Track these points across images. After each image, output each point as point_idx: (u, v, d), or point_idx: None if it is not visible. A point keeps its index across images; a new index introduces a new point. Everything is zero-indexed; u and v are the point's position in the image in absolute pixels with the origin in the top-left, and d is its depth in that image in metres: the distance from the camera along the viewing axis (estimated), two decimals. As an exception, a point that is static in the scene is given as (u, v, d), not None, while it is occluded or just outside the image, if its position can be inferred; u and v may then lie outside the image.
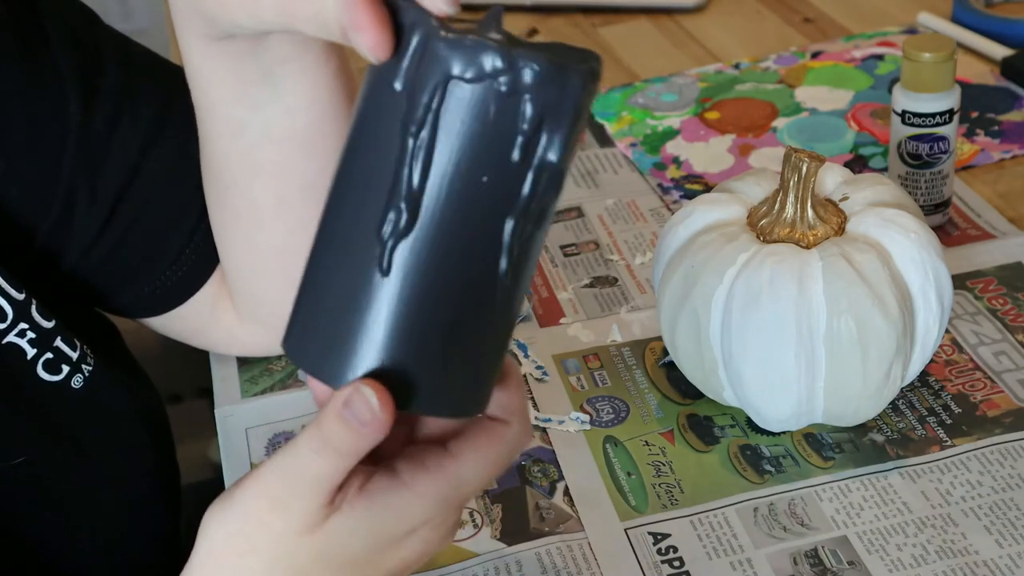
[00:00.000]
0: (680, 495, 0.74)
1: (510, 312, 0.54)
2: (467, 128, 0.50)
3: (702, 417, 0.79)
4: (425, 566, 0.71)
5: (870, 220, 0.73)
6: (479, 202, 0.50)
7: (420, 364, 0.53)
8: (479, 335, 0.53)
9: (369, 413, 0.52)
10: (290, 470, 0.54)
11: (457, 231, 0.51)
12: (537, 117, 0.50)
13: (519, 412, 0.58)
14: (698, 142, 1.08)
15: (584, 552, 0.71)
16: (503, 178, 0.50)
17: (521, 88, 0.49)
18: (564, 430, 0.79)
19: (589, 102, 0.51)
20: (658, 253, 0.78)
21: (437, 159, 0.50)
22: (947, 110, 0.89)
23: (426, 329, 0.52)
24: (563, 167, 0.51)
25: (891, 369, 0.72)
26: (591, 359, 0.85)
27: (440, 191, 0.50)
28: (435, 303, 0.52)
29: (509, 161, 0.50)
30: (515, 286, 0.53)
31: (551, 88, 0.49)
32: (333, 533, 0.55)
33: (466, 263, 0.52)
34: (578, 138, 0.52)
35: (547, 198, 0.52)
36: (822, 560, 0.69)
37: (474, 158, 0.50)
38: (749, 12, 1.30)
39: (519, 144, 0.50)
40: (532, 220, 0.52)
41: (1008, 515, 0.70)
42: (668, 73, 1.19)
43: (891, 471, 0.74)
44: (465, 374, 0.54)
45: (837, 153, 1.04)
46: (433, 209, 0.50)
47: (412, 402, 0.53)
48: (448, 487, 0.56)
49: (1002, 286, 0.87)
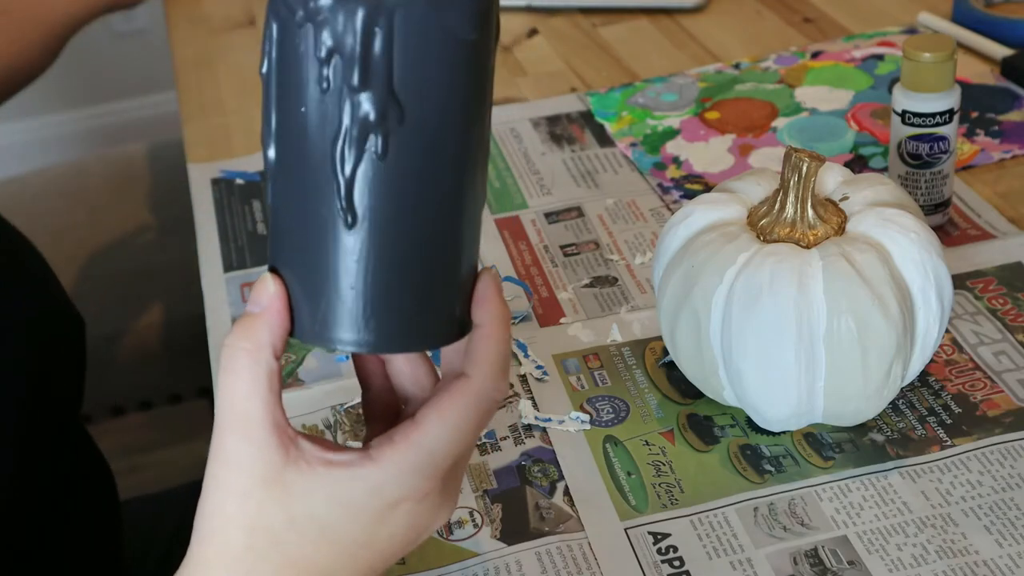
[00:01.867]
0: (680, 495, 0.74)
1: (382, 239, 0.55)
2: (282, 63, 0.54)
3: (702, 417, 0.79)
4: (424, 566, 0.71)
5: (870, 220, 0.73)
6: (310, 133, 0.54)
7: (305, 298, 0.56)
8: (349, 264, 0.55)
9: (265, 295, 0.56)
10: (224, 421, 0.56)
11: (299, 163, 0.54)
12: (327, 43, 0.52)
13: (485, 364, 0.57)
14: (698, 142, 1.08)
15: (584, 552, 0.71)
16: (319, 107, 0.53)
17: (311, 16, 0.52)
18: (564, 430, 0.79)
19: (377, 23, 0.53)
20: (658, 253, 0.78)
21: (276, 95, 0.54)
22: (947, 110, 0.89)
23: (303, 270, 0.56)
24: (370, 87, 0.53)
25: (891, 369, 0.72)
26: (591, 359, 0.85)
27: (282, 125, 0.54)
28: (303, 235, 0.55)
29: (319, 90, 0.53)
30: (371, 212, 0.54)
31: (337, 18, 0.52)
32: (293, 488, 0.55)
33: (313, 196, 0.54)
34: (414, 62, 0.53)
35: (368, 123, 0.53)
36: (822, 560, 0.69)
37: (295, 89, 0.53)
38: (749, 12, 1.30)
39: (318, 71, 0.53)
40: (357, 143, 0.54)
41: (1008, 515, 0.70)
42: (668, 73, 1.19)
43: (891, 471, 0.74)
44: (378, 308, 0.55)
45: (837, 153, 1.04)
46: (281, 141, 0.54)
47: (312, 338, 0.56)
48: (416, 455, 0.56)
49: (1002, 286, 0.87)
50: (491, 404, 0.58)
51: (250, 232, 1.03)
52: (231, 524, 0.56)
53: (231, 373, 0.55)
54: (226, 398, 0.55)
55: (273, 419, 0.55)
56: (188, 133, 1.20)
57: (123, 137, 2.62)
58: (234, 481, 0.55)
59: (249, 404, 0.55)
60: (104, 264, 1.46)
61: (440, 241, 0.56)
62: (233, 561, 0.56)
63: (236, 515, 0.55)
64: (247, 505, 0.55)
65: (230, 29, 1.41)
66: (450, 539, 0.73)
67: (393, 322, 0.56)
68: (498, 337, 0.58)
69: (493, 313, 0.58)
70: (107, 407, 1.41)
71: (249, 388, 0.55)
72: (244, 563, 0.56)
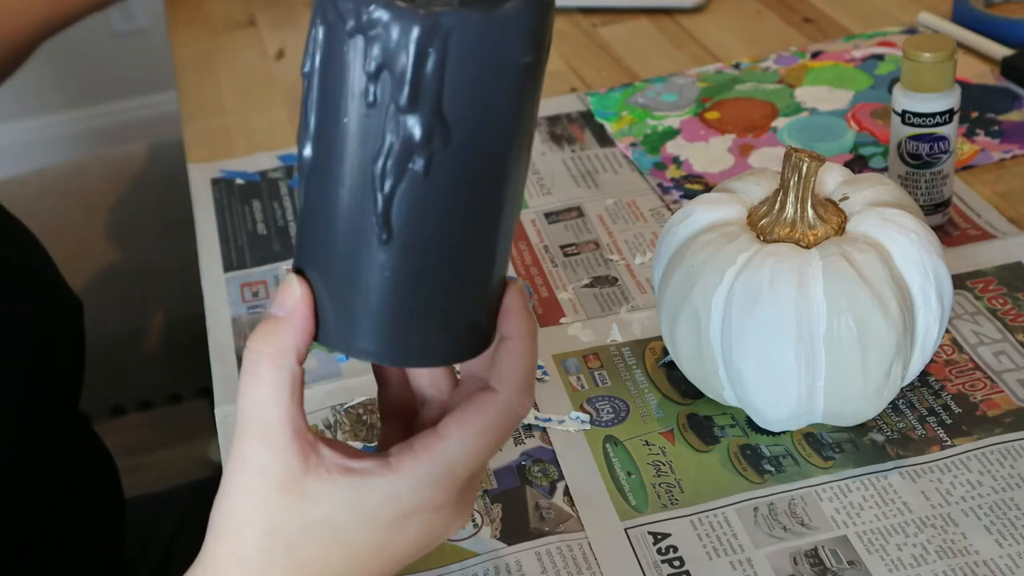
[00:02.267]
0: (680, 495, 0.74)
1: (415, 256, 0.53)
2: (326, 68, 0.52)
3: (702, 417, 0.79)
4: (424, 566, 0.71)
5: (870, 220, 0.73)
6: (349, 144, 0.52)
7: (331, 303, 0.55)
8: (380, 277, 0.54)
9: (291, 298, 0.55)
10: (245, 426, 0.55)
11: (336, 170, 0.52)
12: (378, 59, 0.50)
13: (512, 380, 0.57)
14: (698, 142, 1.08)
15: (584, 552, 0.71)
16: (363, 121, 0.51)
17: (362, 28, 0.50)
18: (564, 430, 0.79)
19: (430, 46, 0.50)
20: (658, 253, 0.78)
21: (318, 98, 0.52)
22: (947, 110, 0.89)
23: (333, 273, 0.54)
24: (419, 109, 0.51)
25: (891, 369, 0.72)
26: (591, 359, 0.85)
27: (321, 129, 0.52)
28: (335, 242, 0.54)
29: (364, 103, 0.51)
30: (407, 228, 0.53)
31: (390, 33, 0.50)
32: (311, 494, 0.55)
33: (349, 205, 0.53)
34: (466, 84, 0.51)
35: (412, 144, 0.51)
36: (822, 560, 0.69)
37: (338, 97, 0.51)
38: (749, 12, 1.30)
39: (364, 85, 0.51)
40: (399, 161, 0.52)
41: (1008, 515, 0.70)
42: (668, 73, 1.19)
43: (891, 471, 0.74)
44: (404, 322, 0.54)
45: (837, 153, 1.04)
46: (318, 144, 0.53)
47: (342, 347, 0.55)
48: (436, 466, 0.56)
49: (1002, 286, 0.87)
50: (515, 420, 0.57)
51: (250, 232, 1.03)
52: (247, 526, 0.56)
53: (254, 378, 0.55)
54: (248, 403, 0.55)
55: (294, 425, 0.55)
56: (188, 133, 1.20)
57: (123, 137, 2.63)
58: (252, 484, 0.55)
59: (271, 410, 0.54)
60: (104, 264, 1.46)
61: (473, 261, 0.55)
62: (246, 562, 0.56)
63: (252, 517, 0.55)
64: (264, 508, 0.55)
65: (230, 29, 1.41)
66: (450, 539, 0.72)
67: (418, 336, 0.55)
68: (525, 351, 0.57)
69: (520, 327, 0.57)
70: (107, 407, 1.41)
71: (271, 394, 0.54)
72: (256, 564, 0.56)
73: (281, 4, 1.44)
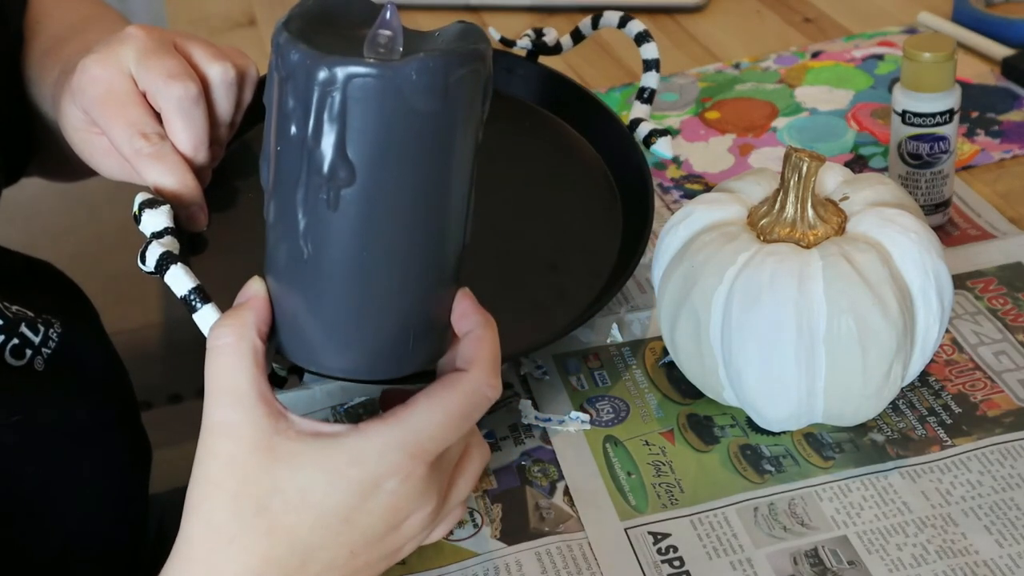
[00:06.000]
0: (680, 495, 0.74)
1: (333, 280, 0.58)
2: (270, 98, 0.57)
3: (702, 417, 0.79)
4: (424, 566, 0.71)
5: (870, 220, 0.73)
6: (282, 170, 0.57)
7: (278, 312, 0.60)
8: (307, 295, 0.59)
9: (249, 291, 0.60)
10: (212, 395, 0.58)
11: (278, 191, 0.58)
12: (295, 95, 0.55)
13: (479, 362, 0.60)
14: (698, 142, 1.08)
15: (584, 552, 0.71)
16: (288, 149, 0.56)
17: (288, 67, 0.55)
18: (564, 430, 0.79)
19: (327, 94, 0.55)
20: (658, 253, 0.78)
21: (268, 125, 0.58)
22: (947, 110, 0.89)
23: (281, 288, 0.60)
24: (322, 146, 0.55)
25: (891, 369, 0.72)
26: (591, 359, 0.85)
27: (268, 154, 0.58)
28: (278, 254, 0.59)
29: (288, 134, 0.56)
30: (321, 254, 0.57)
31: (300, 75, 0.55)
32: (280, 452, 0.57)
33: (284, 224, 0.58)
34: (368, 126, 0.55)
35: (320, 177, 0.56)
36: (822, 560, 0.69)
37: (276, 126, 0.57)
38: (749, 12, 1.30)
39: (288, 117, 0.56)
40: (310, 192, 0.56)
41: (1008, 515, 0.70)
42: (668, 73, 1.19)
43: (891, 471, 0.74)
44: (333, 338, 0.59)
45: (837, 153, 1.04)
46: (268, 167, 0.58)
47: (296, 359, 0.61)
48: (403, 432, 0.58)
49: (1002, 286, 0.87)
50: (482, 399, 0.60)
51: (250, 232, 1.03)
52: (218, 490, 0.57)
53: (218, 352, 0.58)
54: (213, 373, 0.58)
55: (259, 389, 0.57)
56: (188, 133, 1.20)
57: (123, 137, 2.62)
58: (222, 447, 0.57)
59: (237, 376, 0.57)
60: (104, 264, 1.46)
61: (389, 289, 0.58)
62: (216, 529, 0.57)
63: (223, 481, 0.57)
64: (233, 469, 0.57)
65: (230, 29, 1.41)
66: (450, 539, 0.73)
67: (350, 353, 0.59)
68: (487, 337, 0.61)
69: (475, 321, 0.61)
70: (107, 407, 1.40)
71: (235, 361, 0.57)
72: (226, 532, 0.57)
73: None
